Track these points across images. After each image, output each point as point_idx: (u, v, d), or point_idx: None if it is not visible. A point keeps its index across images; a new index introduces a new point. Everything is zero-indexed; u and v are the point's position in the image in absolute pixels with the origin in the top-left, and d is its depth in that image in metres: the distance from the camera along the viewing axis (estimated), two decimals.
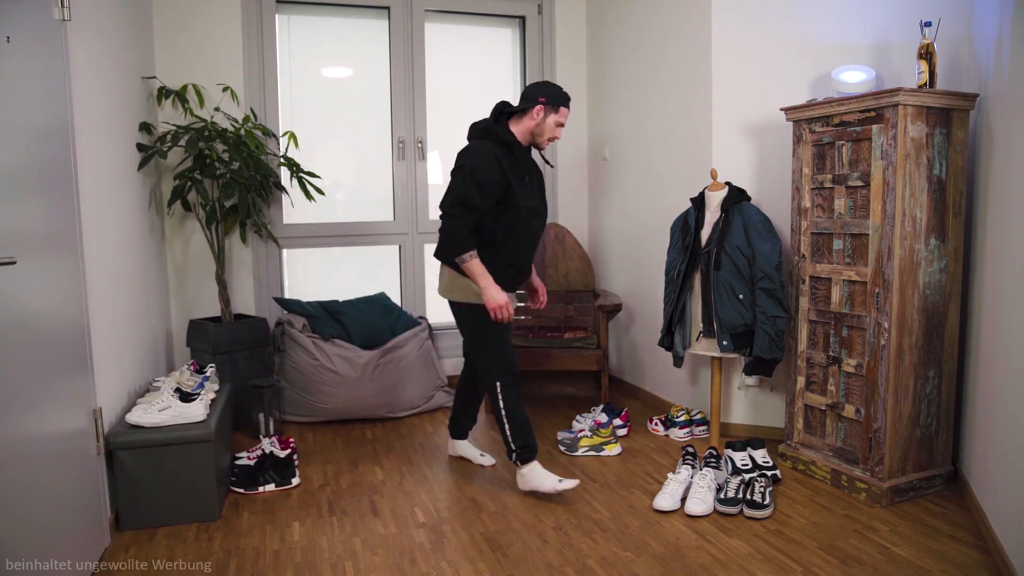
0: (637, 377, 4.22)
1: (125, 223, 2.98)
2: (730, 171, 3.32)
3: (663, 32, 3.75)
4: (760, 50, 3.27)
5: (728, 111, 3.36)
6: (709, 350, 3.15)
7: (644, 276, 3.99)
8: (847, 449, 2.81)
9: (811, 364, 2.96)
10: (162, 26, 3.79)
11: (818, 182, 2.85)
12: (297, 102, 4.19)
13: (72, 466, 2.18)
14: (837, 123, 2.76)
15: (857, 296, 2.74)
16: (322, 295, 4.11)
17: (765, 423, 3.41)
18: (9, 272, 1.76)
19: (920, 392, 2.69)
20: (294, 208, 4.09)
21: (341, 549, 2.39)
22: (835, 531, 2.47)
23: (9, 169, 1.85)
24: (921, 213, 2.61)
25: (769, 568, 2.23)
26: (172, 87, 3.69)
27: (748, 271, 2.99)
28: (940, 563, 2.24)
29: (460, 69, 4.48)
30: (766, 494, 2.63)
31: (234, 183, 3.49)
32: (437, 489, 2.89)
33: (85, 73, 2.51)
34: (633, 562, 2.28)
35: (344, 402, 3.66)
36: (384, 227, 4.36)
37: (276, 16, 4.06)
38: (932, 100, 2.56)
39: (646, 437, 3.49)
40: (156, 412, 2.57)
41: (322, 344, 3.66)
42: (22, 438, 1.84)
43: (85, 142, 2.45)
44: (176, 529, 2.53)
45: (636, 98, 4.04)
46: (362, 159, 4.41)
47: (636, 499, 2.76)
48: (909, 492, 2.69)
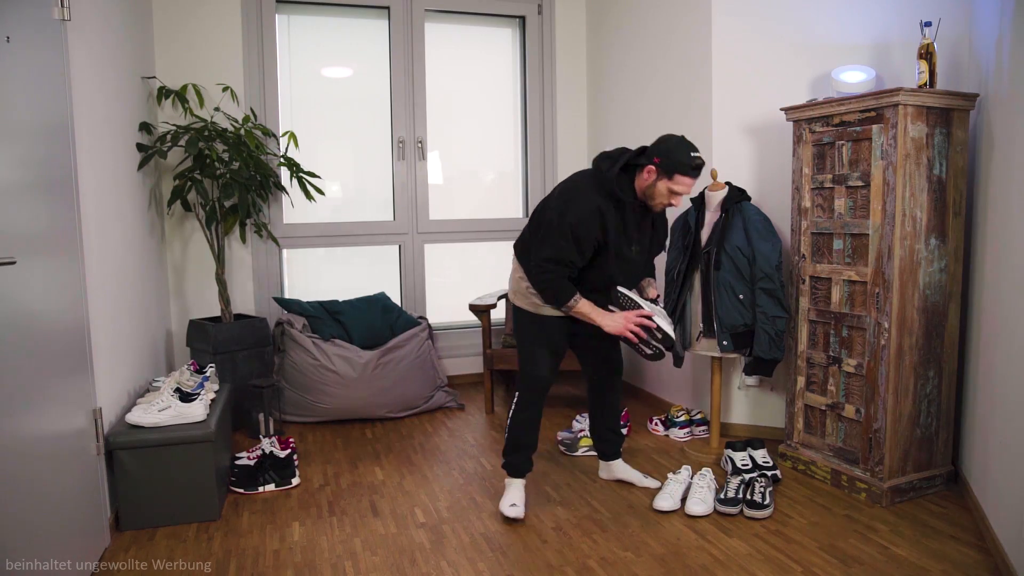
0: (637, 377, 4.22)
1: (125, 223, 2.98)
2: (730, 171, 3.32)
3: (663, 32, 3.75)
4: (760, 50, 3.27)
5: (728, 111, 3.36)
6: (709, 350, 3.15)
7: None
8: (847, 449, 2.81)
9: (811, 364, 2.96)
10: (162, 26, 3.79)
11: (818, 182, 2.85)
12: (297, 102, 4.19)
13: (72, 466, 2.18)
14: (837, 123, 2.76)
15: (857, 296, 2.74)
16: (322, 295, 4.11)
17: (765, 423, 3.41)
18: (9, 272, 1.76)
19: (920, 392, 2.69)
20: (294, 208, 4.09)
21: (341, 549, 2.39)
22: (835, 531, 2.47)
23: (9, 169, 1.85)
24: (921, 213, 2.61)
25: (769, 568, 2.23)
26: (172, 87, 3.69)
27: (748, 271, 2.98)
28: (940, 563, 2.23)
29: (460, 69, 4.49)
30: (766, 494, 2.63)
31: (234, 183, 3.48)
32: (437, 489, 2.89)
33: (85, 73, 2.51)
34: (633, 562, 2.28)
35: (344, 402, 3.66)
36: (384, 227, 4.36)
37: (276, 16, 4.06)
38: (932, 100, 2.56)
39: (646, 437, 3.49)
40: (156, 412, 2.57)
41: (322, 344, 3.66)
42: (22, 438, 1.84)
43: (85, 142, 2.45)
44: (176, 529, 2.53)
45: (636, 98, 4.04)
46: (362, 159, 4.41)
47: (636, 499, 2.76)
48: (909, 492, 2.69)
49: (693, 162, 2.34)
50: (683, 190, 2.38)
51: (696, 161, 2.35)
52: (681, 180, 2.37)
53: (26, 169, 1.95)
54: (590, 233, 2.41)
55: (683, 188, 2.38)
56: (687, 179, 2.37)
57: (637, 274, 2.62)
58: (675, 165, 2.35)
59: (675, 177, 2.36)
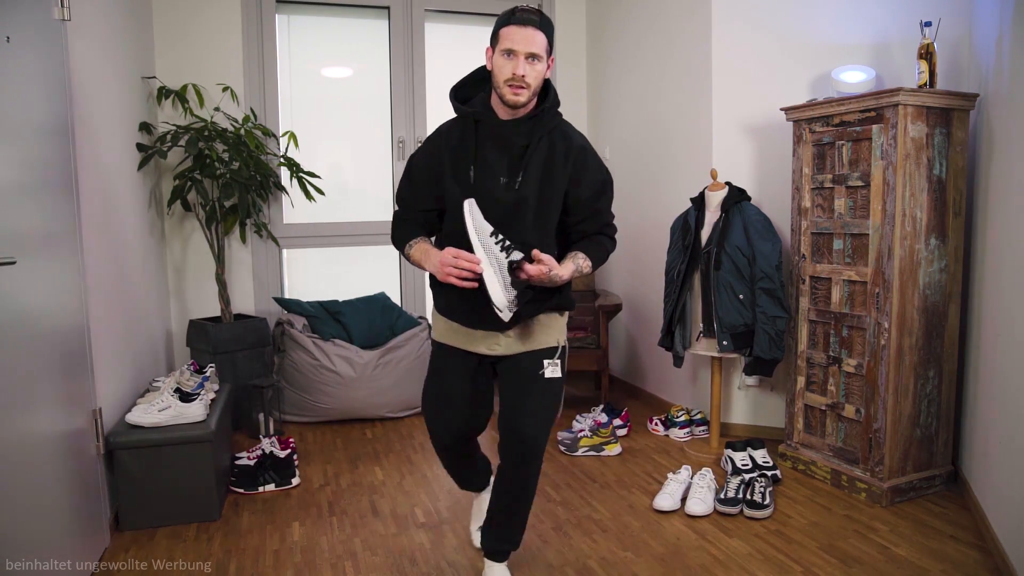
0: (637, 377, 4.21)
1: (125, 223, 2.98)
2: (730, 171, 3.32)
3: (663, 32, 3.75)
4: (760, 50, 3.27)
5: (728, 111, 3.36)
6: (709, 350, 3.15)
7: (644, 276, 3.99)
8: (847, 449, 2.81)
9: (811, 364, 2.96)
10: (162, 26, 3.79)
11: (818, 182, 2.85)
12: (297, 102, 4.19)
13: (72, 466, 2.18)
14: (837, 123, 2.76)
15: (857, 296, 2.74)
16: (322, 295, 4.11)
17: (765, 423, 3.41)
18: (9, 272, 1.76)
19: (920, 392, 2.69)
20: (294, 208, 4.09)
21: (341, 549, 2.39)
22: (835, 531, 2.46)
23: (9, 169, 1.85)
24: (921, 213, 2.61)
25: (769, 568, 2.23)
26: (172, 87, 3.69)
27: (748, 271, 2.99)
28: (940, 563, 2.23)
29: (460, 69, 4.45)
30: (766, 494, 2.63)
31: (234, 183, 3.49)
32: (437, 489, 2.89)
33: (85, 73, 2.51)
34: (633, 562, 2.28)
35: (344, 402, 3.66)
36: (384, 227, 4.30)
37: (276, 16, 4.06)
38: (932, 100, 2.56)
39: (646, 437, 3.49)
40: (156, 412, 2.57)
41: (322, 344, 3.66)
42: (22, 438, 1.84)
43: (85, 142, 2.45)
44: (176, 529, 2.53)
45: (636, 98, 4.04)
46: (362, 159, 4.41)
47: (636, 499, 2.76)
48: (909, 492, 2.69)
49: (514, 10, 1.82)
50: (515, 45, 1.79)
51: (518, 8, 1.83)
52: (507, 34, 1.81)
53: (26, 169, 1.95)
54: (427, 162, 1.96)
55: (513, 43, 1.80)
56: (512, 28, 1.81)
57: (513, 221, 1.88)
58: (498, 25, 1.85)
59: (499, 35, 1.83)
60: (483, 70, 1.99)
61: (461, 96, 2.01)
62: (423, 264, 1.94)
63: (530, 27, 1.81)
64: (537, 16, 1.83)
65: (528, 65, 1.81)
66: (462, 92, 2.02)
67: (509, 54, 1.81)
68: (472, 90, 2.01)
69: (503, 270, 1.80)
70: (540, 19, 1.83)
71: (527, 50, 1.81)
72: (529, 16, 1.82)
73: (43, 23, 2.13)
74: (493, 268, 1.80)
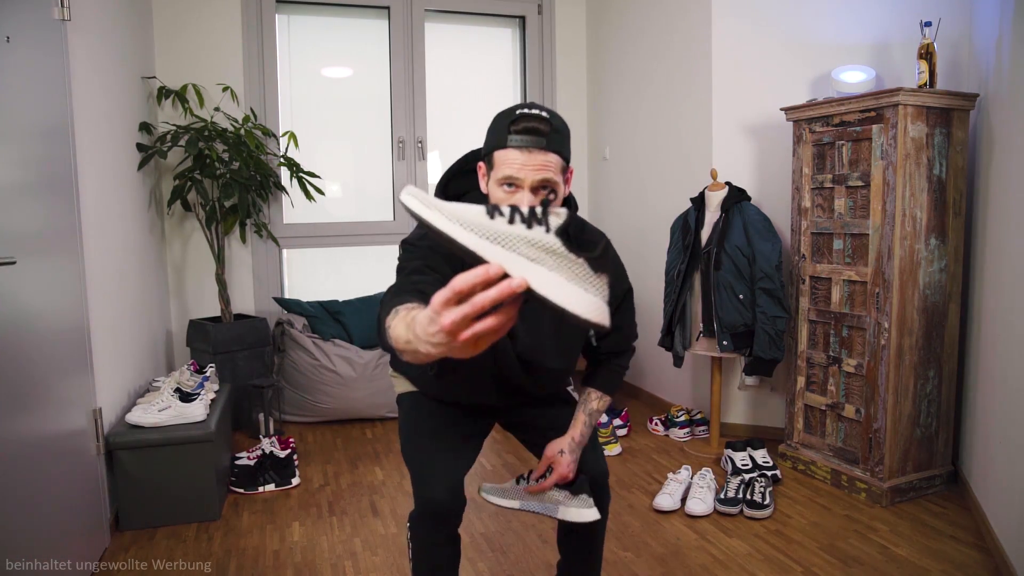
0: (637, 377, 4.22)
1: (125, 223, 2.98)
2: (730, 171, 3.32)
3: (663, 32, 3.75)
4: (760, 50, 3.27)
5: (728, 111, 3.36)
6: (709, 350, 3.15)
7: (644, 276, 3.99)
8: (847, 449, 2.81)
9: (811, 364, 2.96)
10: (162, 26, 3.79)
11: (818, 182, 2.85)
12: (297, 102, 4.19)
13: (72, 466, 2.18)
14: (837, 123, 2.76)
15: (857, 296, 2.74)
16: (322, 295, 4.11)
17: (765, 423, 3.41)
18: (9, 272, 1.76)
19: (920, 392, 2.69)
20: (294, 208, 4.09)
21: (341, 549, 2.39)
22: (835, 531, 2.46)
23: (9, 169, 1.85)
24: (921, 213, 2.61)
25: (769, 568, 2.23)
26: (172, 87, 3.69)
27: (748, 271, 2.99)
28: (940, 563, 2.23)
29: (460, 69, 4.48)
30: (766, 494, 2.63)
31: (234, 183, 3.49)
32: None
33: (85, 73, 2.51)
34: (633, 562, 2.28)
35: (344, 402, 3.66)
36: (384, 227, 4.36)
37: (276, 16, 4.06)
38: (932, 100, 2.56)
39: (646, 437, 3.49)
40: (156, 412, 2.57)
41: (322, 344, 3.66)
42: (22, 438, 1.84)
43: (85, 142, 2.45)
44: (176, 529, 2.53)
45: (636, 98, 4.04)
46: (362, 159, 4.41)
47: (636, 499, 2.76)
48: (909, 492, 2.69)
49: (515, 120, 1.36)
50: (518, 172, 1.35)
51: (520, 117, 1.36)
52: (504, 160, 1.37)
53: (26, 169, 1.95)
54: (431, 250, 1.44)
55: (514, 170, 1.36)
56: (512, 153, 1.36)
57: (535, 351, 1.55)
58: (493, 142, 1.40)
59: (494, 158, 1.39)
60: (476, 155, 1.54)
61: (452, 191, 1.58)
62: (409, 341, 0.91)
63: (537, 150, 1.35)
64: (546, 126, 1.35)
65: (539, 197, 1.37)
66: (453, 186, 1.58)
67: (510, 185, 1.37)
68: (464, 182, 1.57)
69: (562, 256, 0.83)
70: (551, 129, 1.36)
71: (536, 178, 1.36)
72: (535, 128, 1.34)
73: (43, 23, 2.13)
74: (546, 265, 0.82)
